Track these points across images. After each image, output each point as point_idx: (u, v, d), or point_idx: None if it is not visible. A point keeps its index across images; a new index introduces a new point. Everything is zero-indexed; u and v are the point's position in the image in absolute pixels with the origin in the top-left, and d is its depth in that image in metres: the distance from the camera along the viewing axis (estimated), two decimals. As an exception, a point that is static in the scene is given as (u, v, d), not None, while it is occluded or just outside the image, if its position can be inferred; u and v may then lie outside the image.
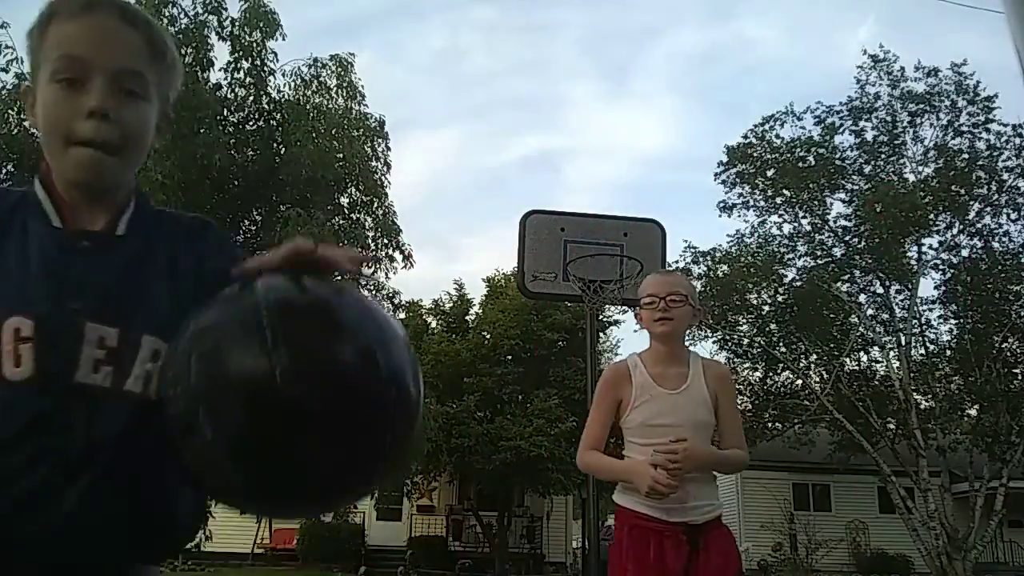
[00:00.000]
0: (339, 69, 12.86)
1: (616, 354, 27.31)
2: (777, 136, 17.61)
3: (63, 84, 1.00)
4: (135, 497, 0.95)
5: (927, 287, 26.10)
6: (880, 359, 17.84)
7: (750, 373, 18.55)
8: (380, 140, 13.49)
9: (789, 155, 17.38)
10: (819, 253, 17.86)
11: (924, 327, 17.47)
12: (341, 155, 12.12)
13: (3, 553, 0.90)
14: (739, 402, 18.48)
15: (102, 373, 0.96)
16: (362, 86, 13.17)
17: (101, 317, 0.97)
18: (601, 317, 17.55)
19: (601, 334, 21.37)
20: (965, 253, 17.20)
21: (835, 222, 17.69)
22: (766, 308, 18.04)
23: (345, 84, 12.90)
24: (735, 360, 18.32)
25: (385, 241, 13.59)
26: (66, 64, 1.00)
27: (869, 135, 17.32)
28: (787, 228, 18.02)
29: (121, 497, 0.94)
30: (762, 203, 17.92)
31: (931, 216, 16.61)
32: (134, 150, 1.05)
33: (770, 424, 18.48)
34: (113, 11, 1.03)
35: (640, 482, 2.27)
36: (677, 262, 17.23)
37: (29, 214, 1.02)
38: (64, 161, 1.01)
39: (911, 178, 17.25)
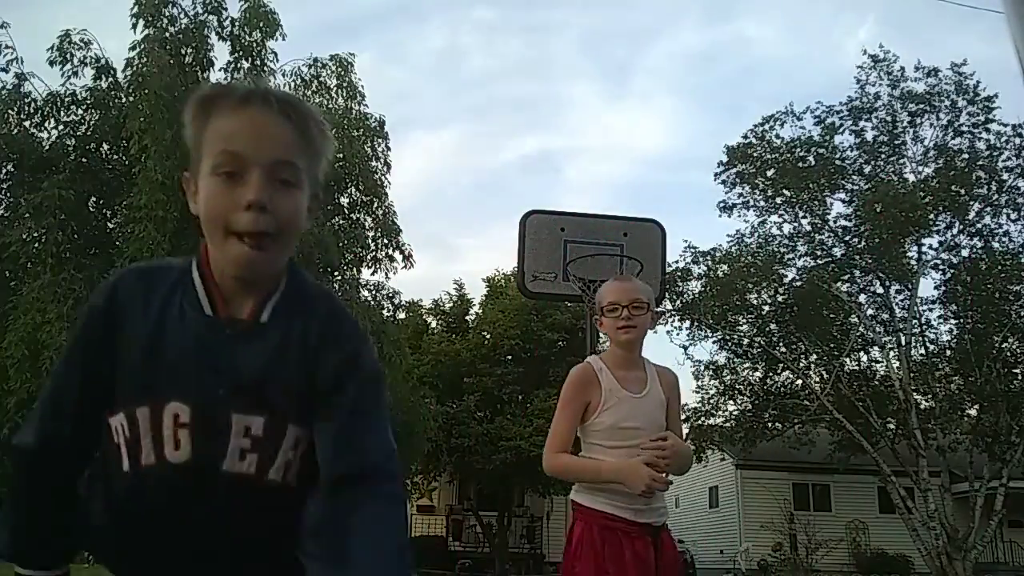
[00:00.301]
0: (339, 69, 12.87)
1: (616, 354, 27.33)
2: (777, 136, 17.62)
3: (223, 177, 1.06)
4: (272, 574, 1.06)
5: (927, 287, 26.09)
6: (880, 359, 17.84)
7: (750, 373, 18.55)
8: (380, 140, 13.50)
9: (789, 155, 17.37)
10: (819, 253, 17.85)
11: (924, 327, 17.47)
12: (341, 155, 12.11)
13: None
14: (739, 402, 18.52)
15: (247, 461, 1.04)
16: (362, 86, 13.18)
17: (248, 406, 1.05)
18: (601, 317, 17.51)
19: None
20: (965, 253, 17.20)
21: (835, 222, 17.71)
22: (766, 308, 18.02)
23: (345, 84, 12.90)
24: (735, 360, 18.33)
25: (385, 241, 13.60)
26: (225, 159, 1.06)
27: (869, 135, 17.34)
28: (787, 228, 18.03)
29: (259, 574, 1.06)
30: (762, 203, 17.92)
31: (931, 216, 16.59)
32: (288, 238, 1.10)
33: (770, 424, 18.47)
34: (268, 104, 1.07)
35: (636, 482, 2.27)
36: (677, 262, 17.25)
37: (186, 298, 1.10)
38: (223, 252, 1.08)
39: (911, 178, 17.25)
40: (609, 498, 2.34)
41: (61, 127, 11.86)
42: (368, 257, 13.57)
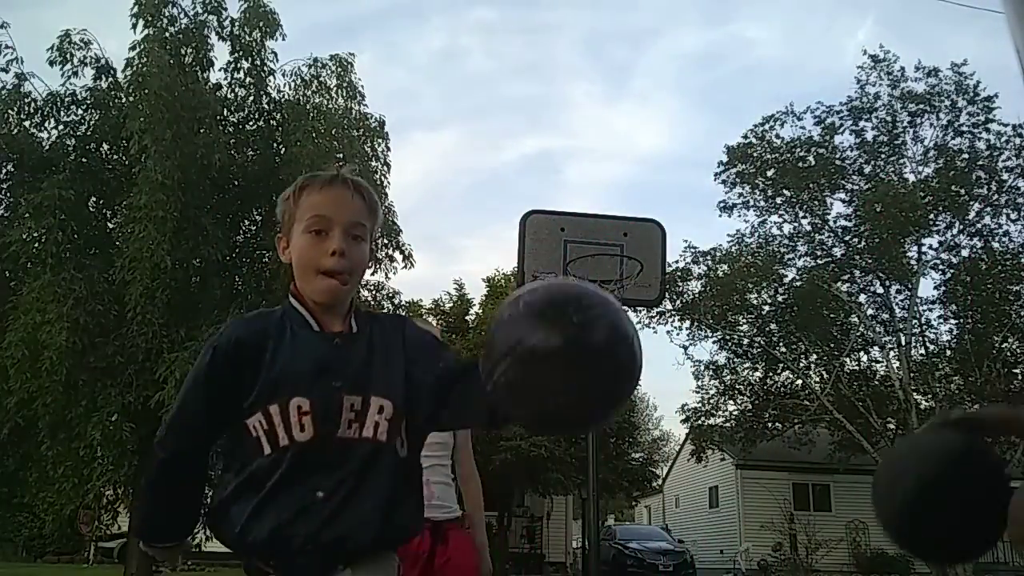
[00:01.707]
0: (339, 69, 12.84)
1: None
2: (777, 136, 17.64)
3: (313, 234, 1.50)
4: (372, 504, 1.42)
5: (927, 287, 26.09)
6: (880, 359, 17.85)
7: (750, 373, 18.55)
8: (380, 140, 13.47)
9: (789, 155, 17.38)
10: (819, 253, 17.86)
11: (924, 327, 17.48)
12: (341, 155, 12.10)
13: (290, 545, 1.39)
14: (739, 402, 18.53)
15: (353, 428, 1.43)
16: (362, 86, 13.15)
17: (352, 390, 1.45)
18: (601, 317, 17.49)
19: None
20: (965, 253, 17.21)
21: (835, 222, 17.72)
22: (766, 308, 18.04)
23: (345, 84, 12.87)
24: (735, 360, 18.34)
25: (385, 241, 13.59)
26: (316, 220, 1.51)
27: (869, 135, 17.35)
28: (787, 228, 18.05)
29: (362, 504, 1.41)
30: (762, 203, 17.94)
31: (931, 216, 16.60)
32: (358, 275, 1.56)
33: (770, 424, 18.48)
34: (346, 185, 1.55)
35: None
36: (677, 262, 17.27)
37: (294, 322, 1.51)
38: (315, 286, 1.51)
39: (911, 178, 17.26)
40: None
41: (61, 127, 11.86)
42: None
